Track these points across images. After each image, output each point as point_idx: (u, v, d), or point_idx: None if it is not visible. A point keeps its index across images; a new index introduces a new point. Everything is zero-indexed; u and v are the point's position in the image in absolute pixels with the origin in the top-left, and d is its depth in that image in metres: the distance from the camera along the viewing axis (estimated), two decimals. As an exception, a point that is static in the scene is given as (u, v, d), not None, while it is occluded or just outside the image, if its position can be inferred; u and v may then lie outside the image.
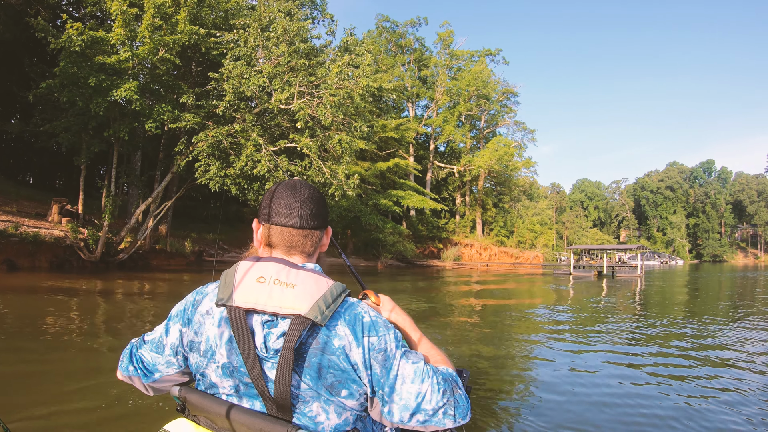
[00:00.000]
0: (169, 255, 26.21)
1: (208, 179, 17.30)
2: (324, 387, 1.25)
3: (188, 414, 1.42)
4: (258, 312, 1.29)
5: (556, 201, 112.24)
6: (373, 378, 1.28)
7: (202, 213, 44.40)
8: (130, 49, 16.35)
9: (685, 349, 7.87)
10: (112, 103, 16.68)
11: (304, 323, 1.23)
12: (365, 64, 17.22)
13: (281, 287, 1.28)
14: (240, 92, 16.63)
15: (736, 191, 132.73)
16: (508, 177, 62.08)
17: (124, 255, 20.79)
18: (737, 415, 4.70)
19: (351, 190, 17.85)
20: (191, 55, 19.80)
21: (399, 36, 61.94)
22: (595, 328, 10.12)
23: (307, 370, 1.25)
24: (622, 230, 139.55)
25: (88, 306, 10.51)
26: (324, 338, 1.26)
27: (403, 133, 47.73)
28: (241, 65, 16.49)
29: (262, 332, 1.28)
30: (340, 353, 1.25)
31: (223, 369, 1.32)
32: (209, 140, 16.77)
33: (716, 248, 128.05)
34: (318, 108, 16.34)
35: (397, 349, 1.31)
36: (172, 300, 12.96)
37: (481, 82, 57.09)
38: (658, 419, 4.49)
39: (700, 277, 37.19)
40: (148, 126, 16.82)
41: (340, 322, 1.28)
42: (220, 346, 1.31)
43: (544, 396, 5.00)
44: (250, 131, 17.21)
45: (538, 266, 54.81)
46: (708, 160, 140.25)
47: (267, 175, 16.89)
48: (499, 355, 7.05)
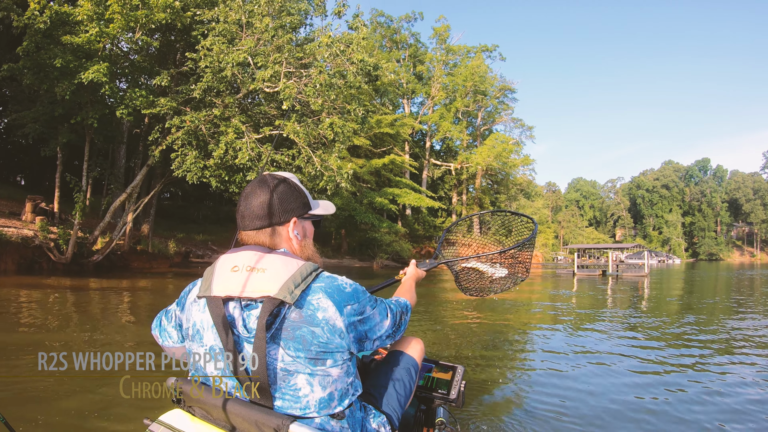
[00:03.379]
0: (151, 256, 24.49)
1: (185, 171, 15.48)
2: (308, 359, 1.37)
3: (184, 405, 1.49)
4: (234, 299, 1.42)
5: (551, 200, 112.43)
6: (356, 335, 1.50)
7: (193, 213, 43.29)
8: (98, 26, 14.60)
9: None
10: (81, 88, 15.01)
11: (274, 303, 1.36)
12: (360, 38, 15.42)
13: (253, 273, 1.42)
14: (220, 74, 14.86)
15: (732, 189, 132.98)
16: (506, 175, 60.81)
17: (98, 256, 19.15)
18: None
19: (345, 181, 16.04)
20: (174, 40, 18.05)
21: (394, 31, 60.63)
22: (622, 333, 8.87)
23: (291, 343, 1.36)
24: (618, 229, 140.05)
25: (36, 312, 8.92)
26: (307, 312, 1.39)
27: (398, 129, 46.47)
28: (221, 42, 14.70)
29: (241, 316, 1.41)
30: (324, 324, 1.39)
31: (210, 351, 1.44)
32: (186, 126, 14.95)
33: (712, 246, 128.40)
34: (307, 88, 14.54)
35: (371, 309, 1.57)
36: (142, 311, 10.97)
37: (478, 78, 55.76)
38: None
39: (703, 276, 36.07)
40: (119, 113, 15.03)
41: (321, 295, 1.42)
42: (206, 329, 1.45)
43: (550, 398, 4.77)
44: (232, 117, 15.45)
45: (538, 266, 53.65)
46: (704, 158, 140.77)
47: (249, 164, 15.06)
48: (505, 357, 6.76)
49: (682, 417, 4.31)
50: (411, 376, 1.95)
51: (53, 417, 3.79)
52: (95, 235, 18.97)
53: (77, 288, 13.62)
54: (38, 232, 17.70)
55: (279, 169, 15.98)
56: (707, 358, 6.80)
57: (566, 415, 4.27)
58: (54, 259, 17.78)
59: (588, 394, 4.92)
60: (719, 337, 8.63)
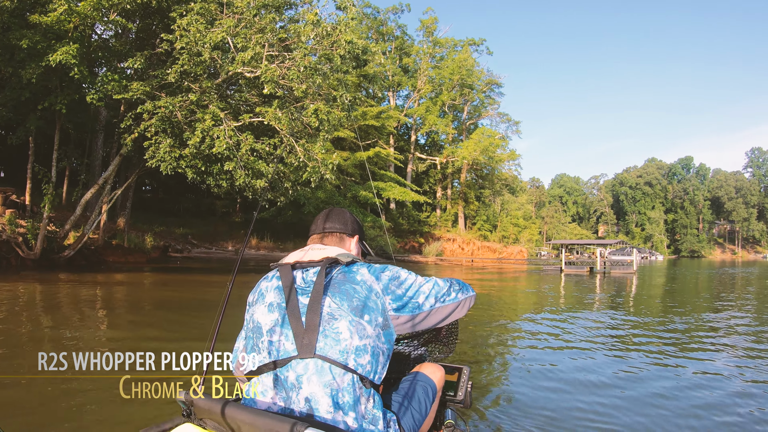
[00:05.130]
0: (127, 251, 23.56)
1: (159, 161, 14.55)
2: (350, 308, 1.60)
3: (194, 418, 1.49)
4: (299, 265, 1.76)
5: (535, 196, 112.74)
6: (394, 296, 1.73)
7: (174, 206, 42.30)
8: (68, 2, 13.61)
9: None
10: (49, 71, 14.05)
11: (330, 260, 1.72)
12: (350, 17, 14.53)
13: (317, 251, 1.82)
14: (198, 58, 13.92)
15: (715, 188, 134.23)
16: (492, 170, 60.41)
17: (70, 251, 18.21)
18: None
19: (329, 172, 15.23)
20: (151, 22, 17.02)
21: (380, 23, 59.60)
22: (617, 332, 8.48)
23: (337, 294, 1.63)
24: (601, 225, 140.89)
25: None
26: (350, 275, 1.70)
27: (384, 121, 45.78)
28: (199, 23, 13.67)
29: (301, 275, 1.73)
30: (362, 284, 1.68)
31: (269, 306, 1.66)
32: (159, 113, 13.99)
33: (694, 244, 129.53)
34: (290, 71, 13.62)
35: (408, 274, 1.82)
36: (118, 306, 10.15)
37: (465, 71, 55.23)
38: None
39: (690, 273, 36.33)
40: (89, 98, 14.07)
41: (362, 269, 1.74)
42: (270, 290, 1.71)
43: (556, 395, 4.79)
44: (209, 103, 14.52)
45: (524, 262, 53.45)
46: (686, 156, 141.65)
47: (227, 153, 14.13)
48: (504, 358, 6.71)
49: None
50: (429, 397, 1.97)
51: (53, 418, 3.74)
52: (66, 229, 18.03)
53: (46, 282, 12.85)
54: (6, 226, 16.73)
55: (259, 158, 15.12)
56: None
57: (576, 411, 4.28)
58: (22, 255, 16.85)
59: (596, 387, 5.00)
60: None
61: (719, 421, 4.16)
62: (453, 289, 1.88)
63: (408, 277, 1.79)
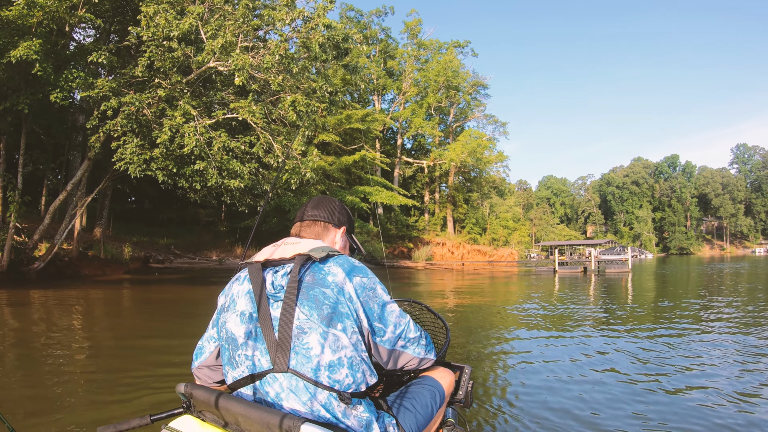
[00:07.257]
0: (103, 262, 22.50)
1: (127, 163, 13.60)
2: (320, 317, 1.46)
3: (194, 411, 1.49)
4: (270, 263, 1.60)
5: (523, 198, 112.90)
6: (366, 310, 1.56)
7: (158, 216, 41.39)
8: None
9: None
10: (10, 68, 13.16)
11: (302, 258, 1.55)
12: (328, 0, 13.64)
13: (289, 246, 1.66)
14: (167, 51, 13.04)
15: (701, 185, 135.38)
16: (480, 172, 59.86)
17: (39, 263, 17.24)
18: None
19: (310, 171, 14.27)
20: (126, 20, 16.10)
21: (364, 26, 58.82)
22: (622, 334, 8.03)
23: (305, 302, 1.48)
24: (589, 226, 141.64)
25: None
26: (319, 275, 1.54)
27: (369, 125, 44.95)
28: (168, 12, 12.74)
29: (270, 277, 1.56)
30: (334, 286, 1.52)
31: (240, 316, 1.55)
32: (126, 110, 13.02)
33: (683, 241, 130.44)
34: (265, 59, 12.68)
35: (384, 293, 1.64)
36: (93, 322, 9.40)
37: (450, 73, 54.63)
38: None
39: (683, 270, 35.78)
40: (53, 97, 13.15)
41: (332, 263, 1.59)
42: (241, 296, 1.59)
43: (556, 394, 4.67)
44: (180, 98, 13.63)
45: (515, 264, 52.99)
46: (672, 155, 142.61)
47: (197, 152, 13.18)
48: (506, 359, 6.47)
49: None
50: (435, 402, 1.89)
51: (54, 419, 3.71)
52: (35, 239, 17.06)
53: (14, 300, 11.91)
54: (-29, 237, 15.77)
55: (234, 158, 14.19)
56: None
57: (576, 410, 4.21)
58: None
59: (596, 387, 4.93)
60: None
61: (727, 414, 4.09)
62: (428, 341, 1.81)
63: (385, 299, 1.64)
